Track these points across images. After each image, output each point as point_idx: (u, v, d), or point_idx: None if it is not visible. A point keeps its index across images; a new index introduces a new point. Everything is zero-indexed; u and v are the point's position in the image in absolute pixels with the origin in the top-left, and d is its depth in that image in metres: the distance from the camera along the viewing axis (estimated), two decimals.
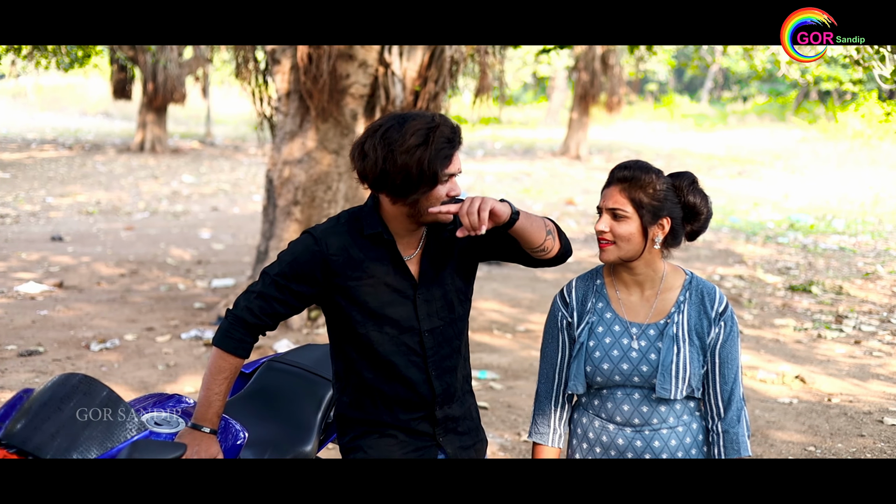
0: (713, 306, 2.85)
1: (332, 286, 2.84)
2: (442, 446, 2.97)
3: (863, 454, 5.87)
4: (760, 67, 16.99)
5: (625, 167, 2.82)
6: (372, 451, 2.92)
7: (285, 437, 3.34)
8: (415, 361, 2.90)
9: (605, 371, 2.83)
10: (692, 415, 2.89)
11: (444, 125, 2.73)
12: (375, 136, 2.72)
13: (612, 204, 2.80)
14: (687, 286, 2.89)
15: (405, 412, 2.92)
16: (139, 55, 22.89)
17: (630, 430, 2.85)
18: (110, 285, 10.04)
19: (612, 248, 2.81)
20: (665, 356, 2.79)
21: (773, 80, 39.56)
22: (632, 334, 2.86)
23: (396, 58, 8.23)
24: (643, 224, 2.79)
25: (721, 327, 2.84)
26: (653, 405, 2.83)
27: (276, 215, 8.50)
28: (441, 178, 2.72)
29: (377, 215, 2.87)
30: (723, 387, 2.85)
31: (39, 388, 2.67)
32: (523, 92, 48.74)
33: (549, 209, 17.33)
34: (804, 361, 7.93)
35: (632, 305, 2.91)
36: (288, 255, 2.88)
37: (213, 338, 2.82)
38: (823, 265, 12.44)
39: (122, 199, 17.33)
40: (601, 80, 26.25)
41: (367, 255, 2.86)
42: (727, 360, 2.85)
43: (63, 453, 2.46)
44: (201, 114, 34.55)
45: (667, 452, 2.83)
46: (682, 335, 2.82)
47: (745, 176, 23.20)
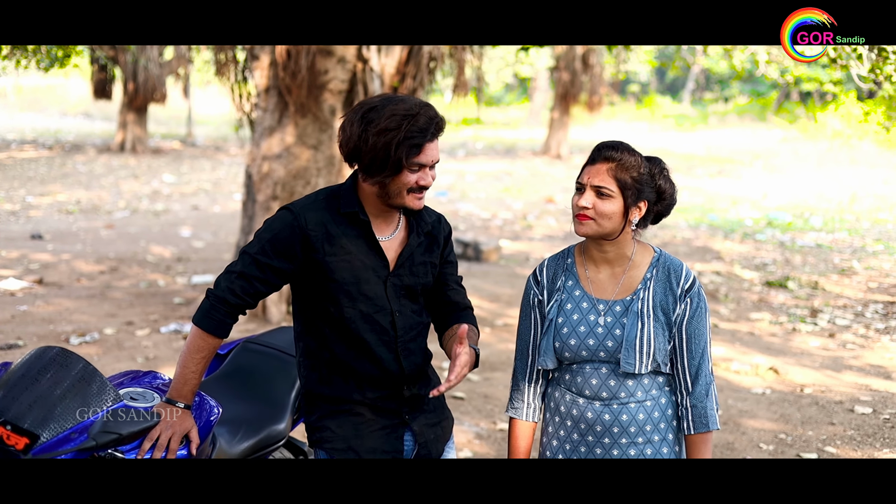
0: (679, 283, 2.91)
1: (310, 261, 2.89)
2: (408, 424, 3.03)
3: (833, 442, 5.96)
4: (740, 67, 17.13)
5: (612, 147, 2.88)
6: (339, 430, 2.96)
7: (260, 416, 3.40)
8: (385, 340, 2.95)
9: (573, 346, 2.89)
10: (661, 389, 2.94)
11: (422, 115, 2.80)
12: (359, 112, 2.82)
13: (598, 182, 2.84)
14: (654, 263, 2.95)
15: (374, 390, 2.98)
16: (119, 55, 22.84)
17: (599, 404, 2.90)
18: (90, 282, 10.05)
19: (591, 223, 2.85)
20: (629, 331, 2.85)
21: (754, 81, 39.82)
22: (599, 310, 2.91)
23: (375, 54, 8.28)
24: (626, 205, 2.85)
25: (687, 304, 2.90)
26: (620, 379, 2.88)
27: (255, 210, 8.54)
28: (409, 165, 2.80)
29: (354, 195, 2.95)
30: (690, 362, 2.91)
31: (17, 361, 2.72)
32: (505, 93, 48.85)
33: (530, 207, 17.42)
34: (778, 353, 8.03)
35: (600, 283, 2.96)
36: (267, 233, 2.90)
37: (193, 317, 2.88)
38: (800, 261, 12.56)
39: (102, 199, 17.31)
40: (582, 80, 26.35)
41: (345, 232, 2.91)
42: (694, 336, 2.90)
43: (40, 423, 2.50)
44: (182, 114, 34.52)
45: (634, 426, 2.89)
46: (647, 311, 2.88)
47: (724, 175, 23.34)
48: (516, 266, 11.78)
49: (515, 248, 13.21)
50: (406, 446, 3.04)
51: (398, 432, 3.01)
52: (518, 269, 11.58)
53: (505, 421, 6.04)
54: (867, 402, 6.73)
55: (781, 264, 12.34)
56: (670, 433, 2.95)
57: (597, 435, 2.91)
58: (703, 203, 18.43)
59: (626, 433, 2.89)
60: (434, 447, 3.10)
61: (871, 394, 6.92)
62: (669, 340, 2.90)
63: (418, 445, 3.05)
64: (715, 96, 47.73)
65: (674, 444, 2.96)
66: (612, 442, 2.90)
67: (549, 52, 28.15)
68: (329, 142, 8.34)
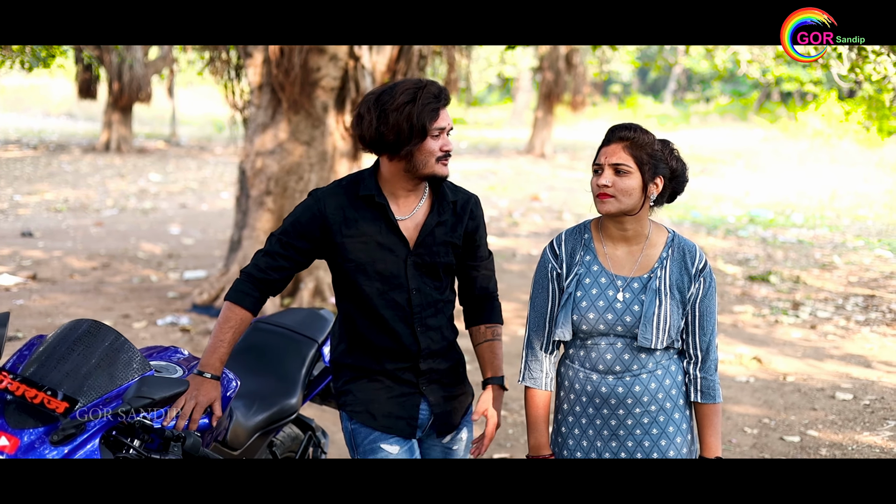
0: (693, 263, 3.05)
1: (329, 242, 3.11)
2: (425, 395, 3.21)
3: (815, 426, 6.15)
4: (721, 67, 17.34)
5: (626, 127, 3.00)
6: (360, 394, 3.18)
7: (272, 390, 3.56)
8: (402, 316, 3.14)
9: (591, 320, 3.01)
10: (671, 359, 3.07)
11: (431, 85, 3.03)
12: (370, 101, 3.03)
13: (616, 160, 2.95)
14: (670, 243, 3.08)
15: (391, 362, 3.17)
16: (105, 55, 22.88)
17: (612, 378, 3.01)
18: (83, 277, 10.17)
19: (612, 200, 2.96)
20: (648, 308, 2.98)
21: (736, 81, 40.12)
22: (617, 286, 3.02)
23: (366, 52, 8.44)
24: (644, 180, 2.96)
25: (701, 283, 3.04)
26: (634, 353, 3.01)
27: (248, 205, 8.68)
28: (430, 131, 3.00)
29: (374, 179, 3.15)
30: (702, 338, 3.06)
31: (52, 333, 2.88)
32: (488, 93, 49.02)
33: (515, 205, 17.60)
34: (761, 344, 8.23)
35: (618, 259, 3.07)
36: (291, 217, 3.15)
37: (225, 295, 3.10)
38: (782, 256, 12.77)
39: (89, 197, 17.37)
40: (565, 80, 26.57)
41: (362, 215, 3.11)
42: (706, 314, 3.06)
43: (78, 389, 2.66)
44: (166, 114, 34.46)
45: (647, 395, 3.01)
46: (665, 289, 3.01)
47: (707, 174, 23.57)
48: (503, 262, 11.94)
49: (502, 245, 13.38)
50: (422, 415, 3.22)
51: (414, 400, 3.20)
52: (505, 264, 11.75)
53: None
54: (848, 388, 6.93)
55: (763, 259, 12.55)
56: (681, 399, 3.09)
57: (611, 407, 3.03)
58: (687, 201, 18.63)
59: (639, 403, 3.01)
60: (449, 418, 3.27)
61: (851, 381, 7.13)
62: (682, 317, 3.04)
63: (434, 415, 3.23)
64: (696, 96, 48.06)
65: (684, 409, 3.09)
66: (627, 413, 3.02)
67: (532, 52, 28.38)
68: (321, 137, 8.49)
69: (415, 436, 3.24)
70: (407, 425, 3.20)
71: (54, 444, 2.53)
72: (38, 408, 2.58)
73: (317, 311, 4.22)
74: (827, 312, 9.50)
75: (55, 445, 2.54)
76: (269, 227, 8.51)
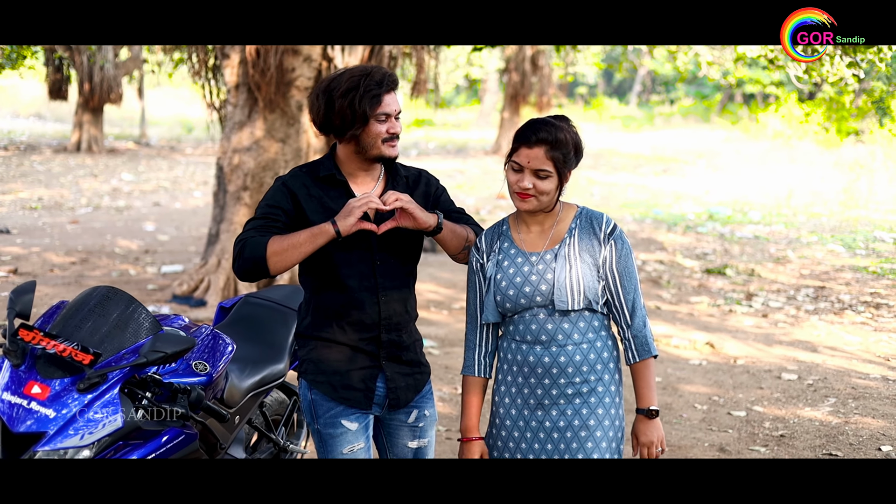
0: (601, 228, 3.22)
1: (301, 217, 3.30)
2: (383, 369, 3.41)
3: (760, 402, 6.61)
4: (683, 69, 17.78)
5: (543, 129, 3.13)
6: (322, 364, 3.37)
7: (262, 356, 3.95)
8: (366, 286, 3.34)
9: (511, 297, 3.20)
10: (596, 333, 3.22)
11: (375, 72, 3.26)
12: (320, 87, 3.30)
13: (538, 164, 3.10)
14: (578, 216, 3.27)
15: (354, 332, 3.36)
16: (75, 56, 23.05)
17: (539, 348, 3.18)
18: (63, 272, 10.47)
19: (532, 199, 3.15)
20: (559, 273, 3.16)
21: (699, 83, 40.78)
22: (531, 262, 3.22)
23: (339, 53, 8.85)
24: (560, 180, 3.16)
25: (612, 246, 3.21)
26: (556, 322, 3.18)
27: (226, 200, 9.05)
28: (375, 116, 3.24)
29: (333, 161, 3.39)
30: (625, 297, 3.22)
31: (73, 298, 3.26)
32: (455, 94, 49.44)
33: (483, 203, 18.02)
34: (715, 331, 8.69)
35: (531, 239, 3.27)
36: (263, 201, 3.36)
37: (236, 268, 3.24)
38: (738, 251, 13.25)
39: (63, 196, 17.60)
40: (531, 82, 27.04)
41: (326, 193, 3.34)
42: (625, 274, 3.22)
43: (100, 344, 3.05)
44: (134, 115, 34.60)
45: (572, 366, 3.17)
46: (574, 254, 3.19)
47: (669, 173, 24.09)
48: None
49: None
50: (378, 390, 3.40)
51: (373, 373, 3.38)
52: None
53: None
54: (793, 370, 7.41)
55: (721, 254, 13.03)
56: (606, 374, 3.22)
57: (538, 376, 3.19)
58: (648, 199, 19.14)
59: (564, 373, 3.16)
60: (403, 394, 3.44)
61: (797, 364, 7.60)
62: (600, 280, 3.21)
63: (388, 390, 3.41)
64: (661, 98, 48.75)
65: (609, 384, 3.23)
66: (552, 382, 3.17)
67: (498, 54, 28.79)
68: (296, 135, 8.88)
69: (371, 409, 3.41)
70: (364, 397, 3.37)
71: (81, 392, 2.92)
72: (67, 360, 2.96)
73: (300, 287, 4.61)
74: (779, 302, 9.98)
75: (81, 393, 2.92)
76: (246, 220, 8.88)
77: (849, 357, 7.80)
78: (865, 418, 6.24)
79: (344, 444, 3.38)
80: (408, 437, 3.53)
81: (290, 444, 4.36)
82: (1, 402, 2.90)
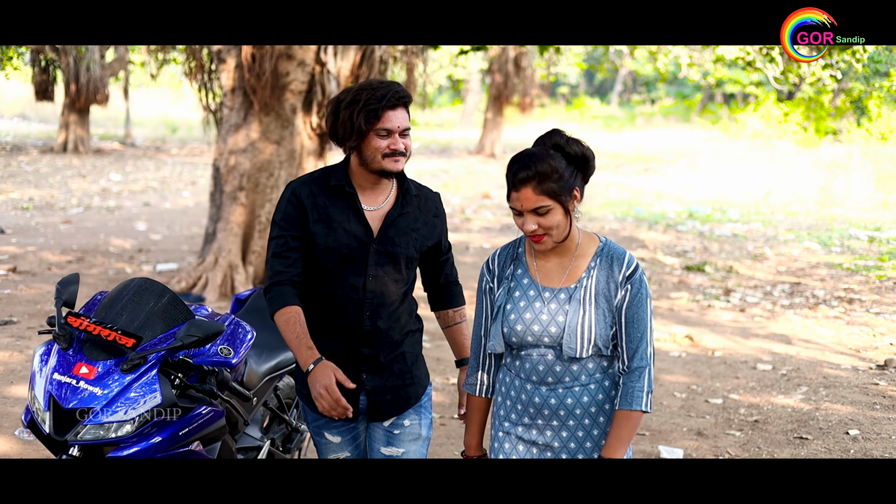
0: (621, 270, 3.00)
1: (306, 225, 3.33)
2: (364, 383, 3.38)
3: (736, 391, 6.97)
4: (664, 70, 18.15)
5: (524, 167, 2.96)
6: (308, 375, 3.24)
7: (276, 343, 4.25)
8: (354, 299, 3.33)
9: (519, 332, 3.03)
10: (604, 372, 3.07)
11: (381, 87, 3.24)
12: (335, 99, 3.34)
13: (532, 204, 2.92)
14: (599, 252, 3.05)
15: (338, 343, 3.35)
16: (62, 57, 23.22)
17: (545, 389, 3.04)
18: (60, 270, 10.73)
19: (546, 238, 2.98)
20: (571, 318, 2.98)
21: (680, 83, 41.27)
22: (544, 298, 3.03)
23: (331, 57, 9.18)
24: (564, 207, 2.95)
25: (627, 290, 2.99)
26: (565, 364, 3.02)
27: (222, 200, 9.36)
28: (374, 131, 3.23)
29: (345, 172, 3.37)
30: (628, 344, 3.01)
31: (112, 288, 3.59)
32: (439, 94, 49.74)
33: (468, 202, 18.39)
34: (694, 325, 9.06)
35: (547, 272, 3.08)
36: (279, 214, 3.35)
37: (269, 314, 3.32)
38: (717, 249, 13.63)
39: (54, 196, 17.83)
40: (514, 82, 27.41)
41: (333, 203, 3.33)
42: (633, 321, 3.00)
43: (140, 329, 3.38)
44: (119, 116, 34.74)
45: (580, 408, 3.04)
46: (589, 298, 3.00)
47: (650, 172, 24.53)
48: (457, 254, 12.65)
49: (455, 239, 14.08)
50: (361, 403, 3.40)
51: (355, 390, 3.29)
52: (459, 257, 12.47)
53: (455, 375, 6.93)
54: (768, 361, 7.78)
55: (700, 251, 13.41)
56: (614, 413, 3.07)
57: (545, 418, 3.05)
58: (630, 198, 19.54)
59: (572, 415, 3.04)
60: (387, 408, 3.42)
61: (772, 355, 7.97)
62: (612, 325, 3.02)
63: (369, 403, 3.39)
64: (642, 98, 49.32)
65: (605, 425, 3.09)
66: (561, 424, 3.05)
67: (481, 55, 29.13)
68: (290, 137, 9.20)
69: (356, 420, 3.42)
70: None
71: (124, 372, 3.24)
72: (110, 344, 3.28)
73: None
74: (756, 298, 10.36)
75: (124, 373, 3.24)
76: (242, 220, 9.19)
77: (821, 349, 8.17)
78: (835, 405, 6.60)
79: (329, 453, 3.50)
80: (381, 443, 3.47)
81: (301, 425, 4.68)
82: (52, 382, 3.22)
